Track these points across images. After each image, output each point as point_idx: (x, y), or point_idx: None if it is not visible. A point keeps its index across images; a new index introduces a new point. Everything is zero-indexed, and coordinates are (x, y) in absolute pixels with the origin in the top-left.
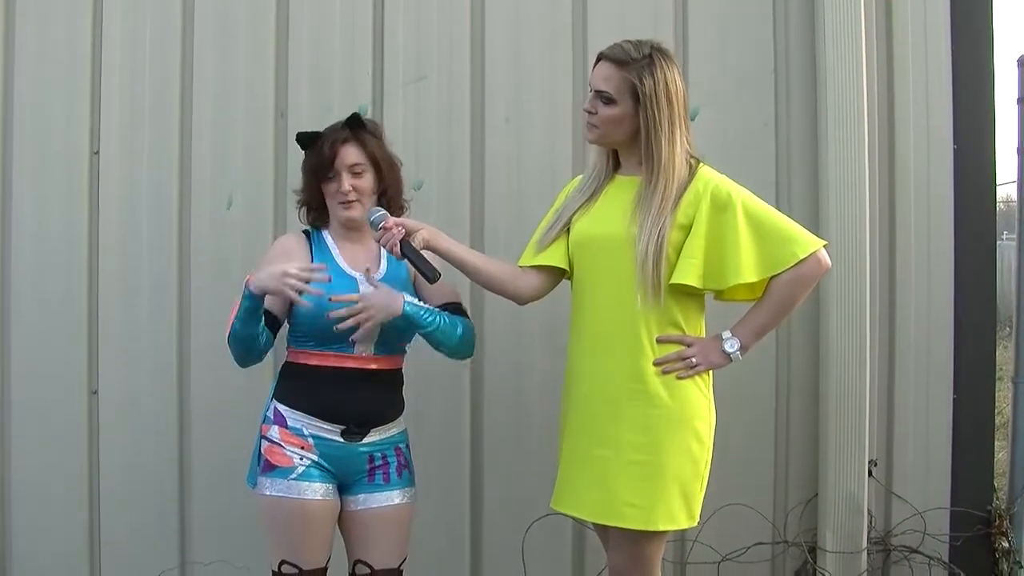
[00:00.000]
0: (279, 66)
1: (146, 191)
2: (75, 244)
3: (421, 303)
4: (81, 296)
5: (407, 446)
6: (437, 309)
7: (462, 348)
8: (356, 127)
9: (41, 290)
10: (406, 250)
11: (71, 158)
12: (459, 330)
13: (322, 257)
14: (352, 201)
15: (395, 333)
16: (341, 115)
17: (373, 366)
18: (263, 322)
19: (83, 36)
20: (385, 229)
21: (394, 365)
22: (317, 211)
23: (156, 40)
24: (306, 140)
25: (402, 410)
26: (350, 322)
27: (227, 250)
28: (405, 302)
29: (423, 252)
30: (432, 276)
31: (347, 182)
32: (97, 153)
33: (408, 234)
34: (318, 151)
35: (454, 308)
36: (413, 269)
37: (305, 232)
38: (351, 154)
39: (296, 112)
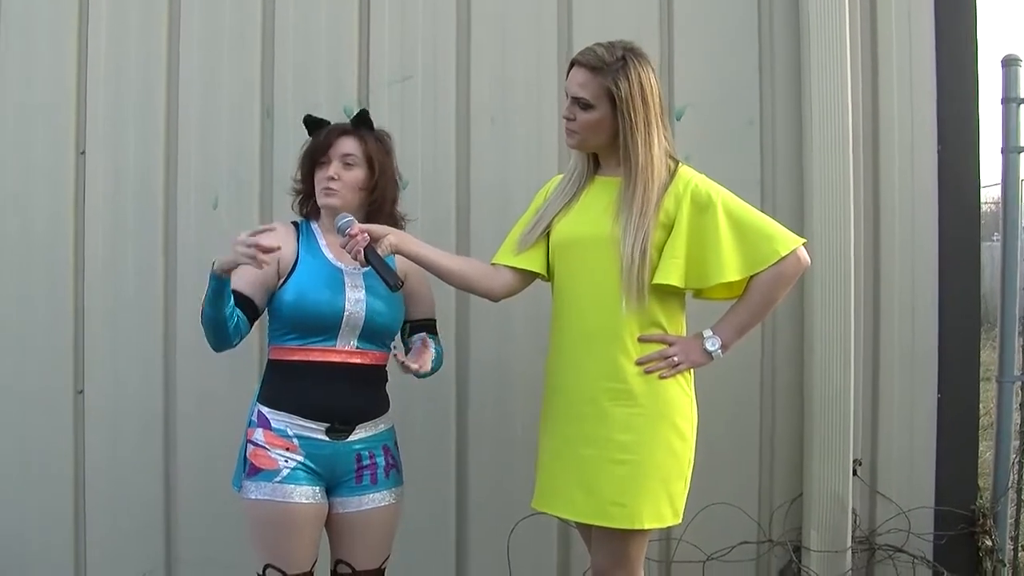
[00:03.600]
0: (265, 66)
1: (132, 191)
2: (61, 244)
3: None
4: (67, 297)
5: (395, 444)
6: (436, 350)
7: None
8: (361, 124)
9: (26, 290)
10: (370, 257)
11: (57, 159)
12: (437, 358)
13: (309, 247)
14: (334, 189)
15: (378, 330)
16: (327, 115)
17: (357, 360)
18: (232, 303)
19: (68, 36)
20: (350, 236)
21: (378, 361)
22: (312, 200)
23: (142, 40)
24: (312, 123)
25: (387, 407)
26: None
27: (213, 250)
28: (432, 361)
29: (392, 257)
30: (393, 284)
31: (333, 169)
32: (83, 153)
33: (374, 240)
34: (317, 136)
35: (430, 326)
36: (397, 269)
37: (294, 223)
38: (347, 145)
39: (282, 112)
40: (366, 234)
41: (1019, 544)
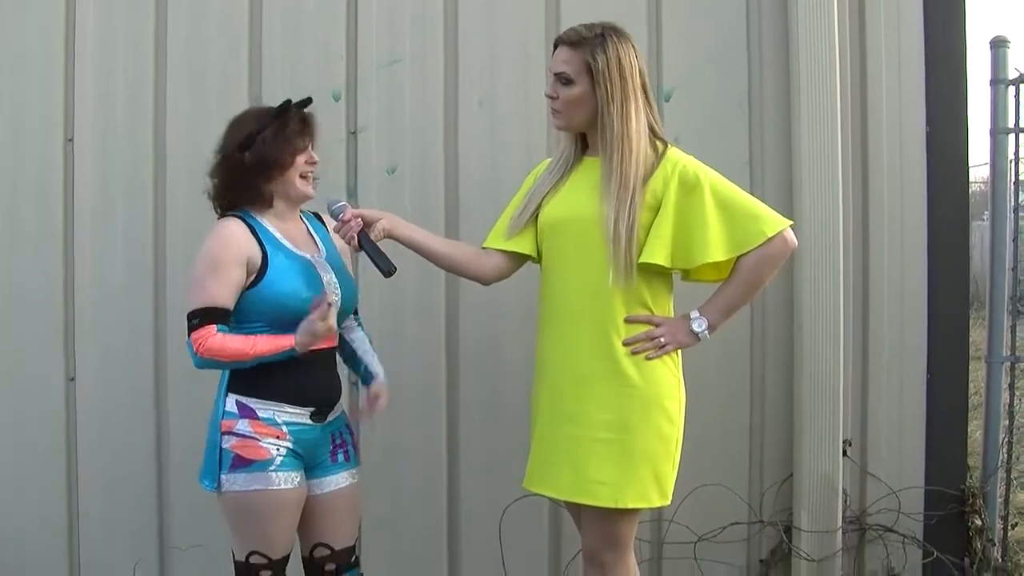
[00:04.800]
0: (252, 51)
1: (121, 178)
2: (50, 232)
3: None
4: (57, 283)
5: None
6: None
7: None
8: None
9: (16, 278)
10: (363, 243)
11: (45, 146)
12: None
13: (271, 242)
14: (314, 176)
15: (347, 311)
16: (315, 99)
17: (330, 345)
18: None
19: (56, 21)
20: (343, 221)
21: (336, 342)
22: (259, 191)
23: (129, 26)
24: (302, 105)
25: None
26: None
27: (202, 236)
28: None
29: (382, 242)
30: (386, 270)
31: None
32: (71, 140)
33: (367, 225)
34: (303, 118)
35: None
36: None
37: (237, 216)
38: None
39: (270, 97)
40: (359, 219)
41: (1009, 523)
